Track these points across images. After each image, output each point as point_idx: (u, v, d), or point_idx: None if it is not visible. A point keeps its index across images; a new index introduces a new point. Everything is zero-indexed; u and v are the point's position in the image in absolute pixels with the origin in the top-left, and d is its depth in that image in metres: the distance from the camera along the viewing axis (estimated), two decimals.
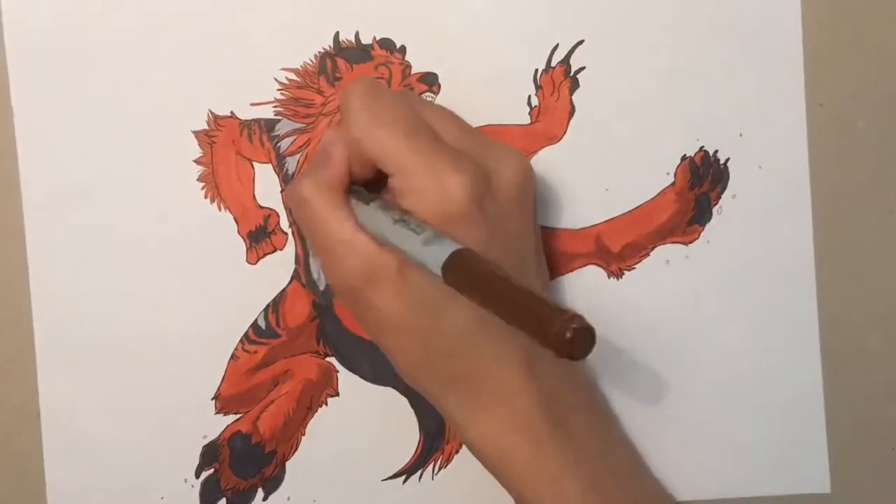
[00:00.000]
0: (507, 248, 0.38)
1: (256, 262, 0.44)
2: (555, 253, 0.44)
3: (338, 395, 0.44)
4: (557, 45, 0.44)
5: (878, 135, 0.44)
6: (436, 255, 0.34)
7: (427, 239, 0.35)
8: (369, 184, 0.40)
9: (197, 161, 0.43)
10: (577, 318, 0.29)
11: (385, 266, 0.37)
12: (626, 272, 0.45)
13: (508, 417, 0.39)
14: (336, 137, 0.39)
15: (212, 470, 0.44)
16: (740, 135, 0.45)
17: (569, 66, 0.44)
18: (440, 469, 0.45)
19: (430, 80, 0.44)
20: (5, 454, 0.43)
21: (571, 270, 0.45)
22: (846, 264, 0.45)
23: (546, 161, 0.44)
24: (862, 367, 0.45)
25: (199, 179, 0.43)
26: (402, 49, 0.44)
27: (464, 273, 0.33)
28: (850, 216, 0.45)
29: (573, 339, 0.29)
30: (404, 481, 0.45)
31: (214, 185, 0.43)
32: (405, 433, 0.44)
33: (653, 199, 0.45)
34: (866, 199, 0.45)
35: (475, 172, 0.38)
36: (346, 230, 0.38)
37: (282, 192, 0.43)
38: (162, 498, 0.44)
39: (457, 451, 0.45)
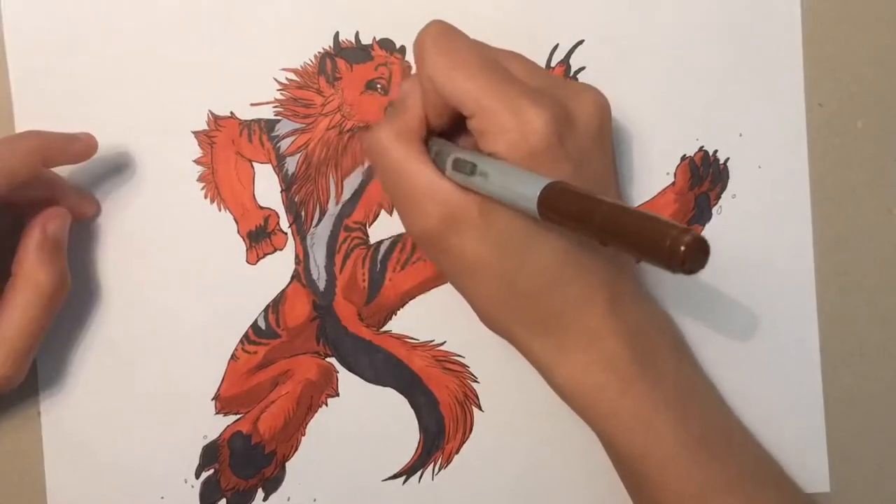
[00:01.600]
0: (591, 183, 0.38)
1: (256, 263, 0.44)
2: None
3: (338, 395, 0.44)
4: (557, 45, 0.44)
5: (878, 135, 0.44)
6: (528, 190, 0.34)
7: (517, 177, 0.35)
8: (448, 133, 0.40)
9: (197, 161, 0.43)
10: (690, 230, 0.29)
11: (467, 209, 0.37)
12: None
13: (596, 357, 0.39)
14: (412, 86, 0.39)
15: (212, 470, 0.44)
16: (740, 135, 0.45)
17: (568, 67, 0.44)
18: (440, 469, 0.45)
19: None
20: (5, 453, 0.43)
21: None
22: (846, 264, 0.45)
23: None
24: (861, 366, 0.45)
25: (199, 179, 0.43)
26: (402, 49, 0.44)
27: (560, 205, 0.33)
28: (850, 216, 0.45)
29: (688, 250, 0.28)
30: (404, 482, 0.45)
31: (214, 186, 0.43)
32: (405, 434, 0.44)
33: (653, 198, 0.45)
34: (866, 198, 0.45)
35: (555, 107, 0.37)
36: (425, 176, 0.38)
37: (282, 192, 0.43)
38: (162, 498, 0.44)
39: (456, 452, 0.45)
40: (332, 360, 0.44)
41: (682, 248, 0.28)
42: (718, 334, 0.45)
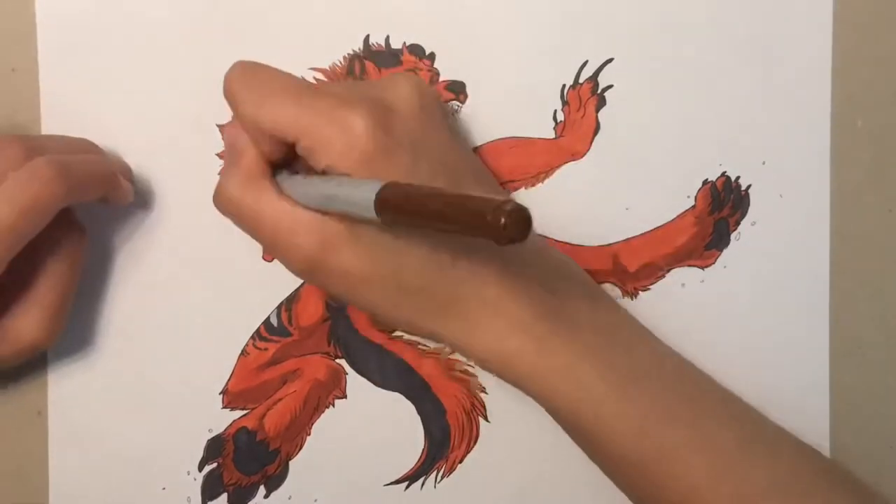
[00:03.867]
0: (435, 164, 0.38)
1: (272, 260, 0.44)
2: None
3: (345, 397, 0.44)
4: (587, 61, 0.44)
5: (878, 135, 0.44)
6: (366, 201, 0.33)
7: (353, 188, 0.35)
8: (287, 163, 0.39)
9: (219, 155, 0.43)
10: (508, 201, 0.29)
11: (334, 231, 0.37)
12: (641, 292, 0.45)
13: (504, 323, 0.39)
14: (236, 129, 0.39)
15: (215, 464, 0.44)
16: (763, 163, 0.45)
17: (596, 84, 0.44)
18: (443, 478, 0.45)
19: (458, 89, 0.43)
20: (10, 441, 0.43)
21: None
22: (846, 263, 0.45)
23: (568, 177, 0.44)
24: (862, 365, 0.46)
25: (220, 173, 0.43)
26: (432, 56, 0.44)
27: (396, 206, 0.33)
28: (850, 215, 0.45)
29: (508, 222, 0.28)
30: (406, 488, 0.45)
31: None
32: (410, 439, 0.44)
33: (672, 221, 0.45)
34: (866, 198, 0.45)
35: (372, 104, 0.37)
36: (286, 212, 0.38)
37: None
38: (163, 489, 0.44)
39: (460, 461, 0.45)
40: (342, 362, 0.44)
41: (503, 219, 0.28)
42: (730, 360, 0.45)
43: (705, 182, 0.45)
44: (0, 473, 0.43)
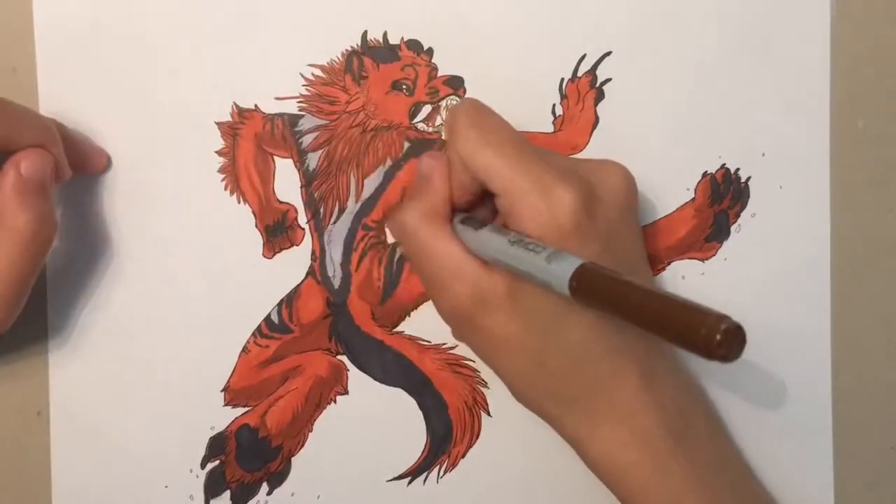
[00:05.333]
0: (620, 258, 0.38)
1: (272, 257, 0.44)
2: None
3: (347, 393, 0.44)
4: (585, 55, 0.44)
5: (878, 135, 0.44)
6: (561, 272, 0.34)
7: (548, 257, 0.35)
8: (470, 208, 0.40)
9: (218, 152, 0.43)
10: (726, 318, 0.29)
11: (494, 289, 0.37)
12: None
13: (628, 434, 0.38)
14: (435, 164, 0.40)
15: (217, 462, 0.44)
16: (763, 154, 0.45)
17: (595, 77, 0.44)
18: (445, 473, 0.45)
19: (457, 84, 0.43)
20: (12, 439, 0.43)
21: None
22: (845, 263, 0.45)
23: None
24: (867, 370, 0.46)
25: (220, 171, 0.43)
26: (430, 51, 0.43)
27: (593, 287, 0.33)
28: (849, 215, 0.45)
29: (723, 340, 0.28)
30: (408, 483, 0.45)
31: (234, 178, 0.43)
32: (412, 435, 0.44)
33: (672, 213, 0.45)
34: (866, 198, 0.45)
35: (583, 185, 0.37)
36: (454, 257, 0.38)
37: (302, 187, 0.43)
38: (166, 487, 0.44)
39: (463, 456, 0.45)
40: (343, 358, 0.44)
41: (718, 336, 0.28)
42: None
43: (705, 174, 0.45)
44: (2, 473, 0.43)
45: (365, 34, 0.43)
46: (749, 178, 0.45)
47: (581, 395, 0.39)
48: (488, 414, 0.45)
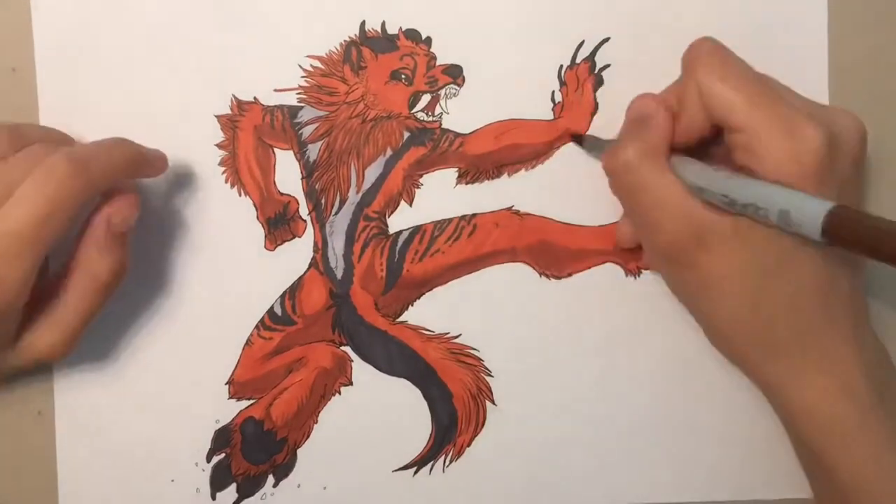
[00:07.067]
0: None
1: (274, 249, 0.44)
2: (573, 249, 0.44)
3: (351, 384, 0.44)
4: (583, 41, 0.44)
5: (878, 135, 0.44)
6: (812, 212, 0.33)
7: (788, 199, 0.34)
8: (688, 151, 0.39)
9: (218, 145, 0.43)
10: None
11: (719, 229, 0.37)
12: (643, 271, 0.45)
13: (838, 386, 0.37)
14: (656, 104, 0.39)
15: (223, 455, 0.44)
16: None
17: (594, 63, 0.44)
18: (451, 462, 0.45)
19: (455, 73, 0.43)
20: (18, 434, 0.43)
21: (589, 267, 0.44)
22: None
23: (568, 158, 0.44)
24: None
25: (220, 164, 0.43)
26: (428, 40, 0.43)
27: (849, 229, 0.32)
28: None
29: None
30: (414, 473, 0.45)
31: (235, 170, 0.43)
32: (417, 425, 0.44)
33: None
34: (866, 198, 0.45)
35: (828, 130, 0.36)
36: (675, 194, 0.37)
37: (303, 179, 0.43)
38: (172, 481, 0.44)
39: (468, 445, 0.45)
40: (347, 349, 0.44)
41: None
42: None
43: None
44: (6, 471, 0.43)
45: (363, 24, 0.43)
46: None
47: (791, 343, 0.38)
48: (493, 403, 0.45)
